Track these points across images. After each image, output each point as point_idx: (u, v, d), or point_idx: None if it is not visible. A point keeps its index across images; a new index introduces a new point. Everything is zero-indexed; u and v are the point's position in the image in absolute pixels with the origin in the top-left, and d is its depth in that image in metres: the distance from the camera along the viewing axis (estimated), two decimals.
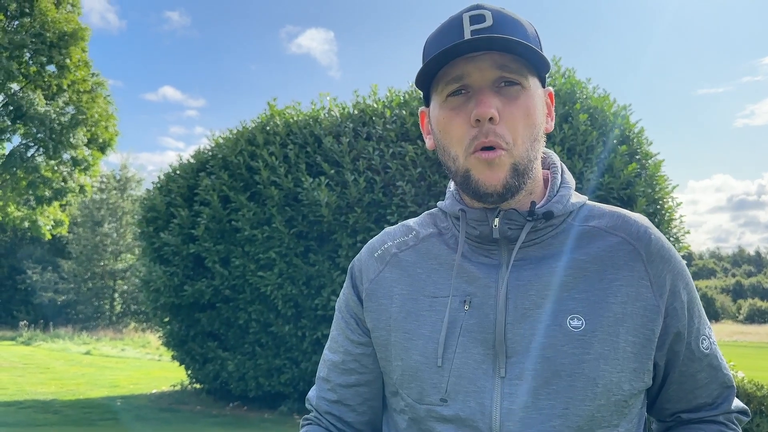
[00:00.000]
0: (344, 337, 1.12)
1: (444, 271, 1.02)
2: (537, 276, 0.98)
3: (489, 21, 0.93)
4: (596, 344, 0.94)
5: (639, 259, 0.99)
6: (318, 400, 1.14)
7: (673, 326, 1.00)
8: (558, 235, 1.02)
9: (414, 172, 7.95)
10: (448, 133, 0.98)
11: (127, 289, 29.98)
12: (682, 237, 8.97)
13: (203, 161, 10.22)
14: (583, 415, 0.93)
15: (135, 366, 16.52)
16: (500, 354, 0.95)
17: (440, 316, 0.99)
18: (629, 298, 0.97)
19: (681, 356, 1.02)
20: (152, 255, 10.28)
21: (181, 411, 9.69)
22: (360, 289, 1.10)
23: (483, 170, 0.95)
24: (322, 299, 8.55)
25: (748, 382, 7.20)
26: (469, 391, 0.95)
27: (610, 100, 8.61)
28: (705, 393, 1.06)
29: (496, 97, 0.94)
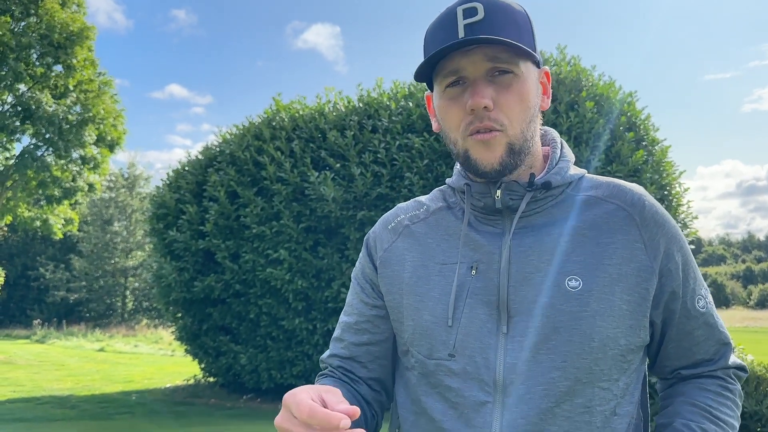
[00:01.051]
0: (359, 300, 1.19)
1: (452, 240, 1.10)
2: (537, 242, 1.05)
3: (481, 14, 0.99)
4: (593, 302, 1.01)
5: (633, 223, 1.05)
6: (330, 357, 1.20)
7: (668, 286, 1.06)
8: (557, 204, 1.08)
9: (421, 163, 7.99)
10: (447, 120, 1.06)
11: (138, 286, 30.23)
12: (689, 222, 8.99)
13: (211, 157, 10.30)
14: (581, 368, 0.99)
15: (148, 361, 16.70)
16: (503, 314, 1.03)
17: (449, 281, 1.07)
18: (624, 260, 1.03)
19: (677, 314, 1.08)
20: (163, 251, 10.37)
21: (196, 404, 9.81)
22: (375, 257, 1.18)
23: (480, 150, 1.03)
24: (332, 292, 8.62)
25: (757, 365, 7.23)
26: (475, 347, 1.03)
27: (616, 87, 8.62)
28: (703, 350, 1.12)
29: (491, 86, 1.01)
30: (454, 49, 0.98)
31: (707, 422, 1.06)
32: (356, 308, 1.19)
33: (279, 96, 10.02)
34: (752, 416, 6.93)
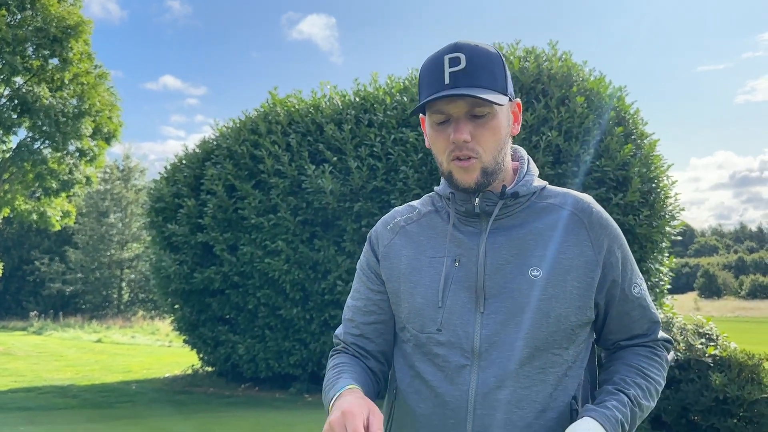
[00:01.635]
0: (366, 288, 1.45)
1: (440, 238, 1.37)
2: (508, 240, 1.32)
3: (463, 63, 1.24)
4: (549, 288, 1.28)
5: (583, 226, 1.34)
6: (345, 335, 1.46)
7: (610, 275, 1.34)
8: (524, 210, 1.36)
9: (415, 157, 8.18)
10: (436, 147, 1.33)
11: (134, 278, 30.36)
12: (677, 214, 9.19)
13: (208, 151, 10.45)
14: (540, 338, 1.27)
15: (146, 352, 16.89)
16: (480, 297, 1.30)
17: (438, 271, 1.33)
18: (575, 255, 1.31)
19: (617, 298, 1.36)
20: (162, 244, 10.54)
21: (195, 393, 10.01)
22: (377, 251, 1.45)
23: (460, 173, 1.30)
24: (328, 283, 8.82)
25: (740, 352, 7.49)
26: (458, 323, 1.30)
27: (606, 82, 8.80)
28: (637, 326, 1.40)
29: (470, 123, 1.27)
30: (441, 99, 1.24)
31: (639, 378, 1.33)
32: (363, 294, 1.45)
33: (275, 90, 10.18)
34: (734, 401, 7.19)
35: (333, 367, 1.38)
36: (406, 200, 8.24)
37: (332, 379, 1.32)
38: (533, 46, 8.98)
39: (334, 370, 1.36)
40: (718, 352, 7.45)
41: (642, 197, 8.42)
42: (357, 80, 9.83)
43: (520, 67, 8.29)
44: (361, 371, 1.37)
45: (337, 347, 1.47)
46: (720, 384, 7.11)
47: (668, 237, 9.14)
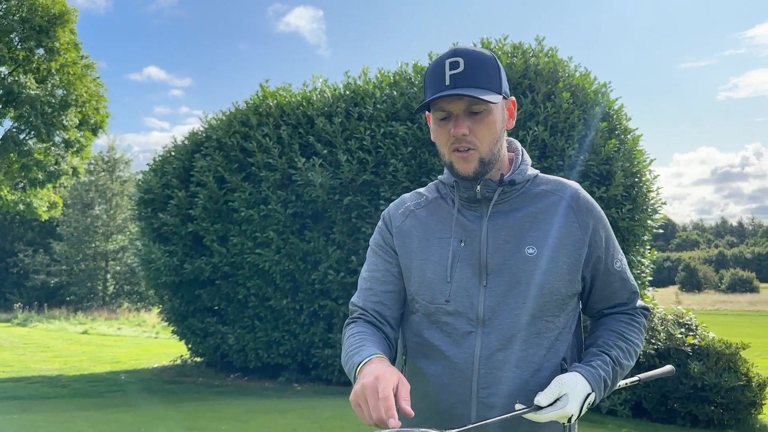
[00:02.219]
0: (383, 260, 1.63)
1: (446, 222, 1.56)
2: (506, 223, 1.52)
3: (461, 67, 1.42)
4: (543, 264, 1.49)
5: (571, 210, 1.53)
6: (364, 302, 1.61)
7: (595, 252, 1.55)
8: (519, 195, 1.55)
9: (405, 150, 8.31)
10: (439, 140, 1.53)
11: (119, 270, 30.25)
12: (659, 208, 9.41)
13: (198, 143, 10.53)
14: (535, 308, 1.47)
15: (133, 343, 16.93)
16: (483, 272, 1.50)
17: (446, 250, 1.53)
18: (564, 235, 1.51)
19: (601, 272, 1.57)
20: (151, 235, 10.61)
21: (184, 383, 10.11)
22: (391, 230, 1.64)
23: (460, 163, 1.50)
24: (319, 274, 8.94)
25: (718, 342, 7.74)
26: (464, 296, 1.49)
27: (591, 78, 8.98)
28: (618, 296, 1.61)
29: (468, 119, 1.46)
30: (443, 98, 1.43)
31: (620, 341, 1.53)
32: (381, 266, 1.62)
33: (266, 83, 10.26)
34: (712, 388, 7.44)
35: (353, 334, 1.52)
36: (395, 193, 8.39)
37: (355, 346, 1.45)
38: (520, 42, 9.13)
39: (356, 337, 1.49)
40: (697, 342, 7.70)
41: (625, 191, 8.62)
42: (347, 73, 9.95)
43: (507, 63, 8.44)
44: (380, 340, 1.52)
45: (354, 314, 1.62)
46: (698, 372, 7.36)
47: (650, 230, 9.35)
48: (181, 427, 5.35)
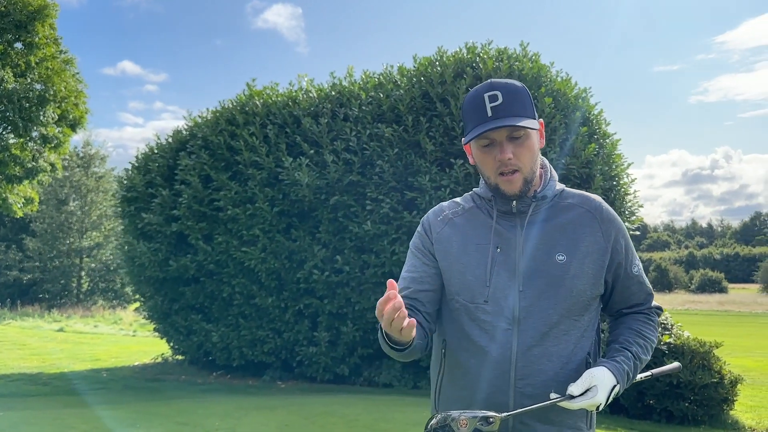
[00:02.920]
0: (421, 263, 1.80)
1: (484, 229, 1.74)
2: (538, 232, 1.71)
3: (500, 99, 1.62)
4: (572, 269, 1.68)
5: (596, 221, 1.74)
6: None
7: (616, 259, 1.75)
8: (550, 208, 1.74)
9: (391, 152, 8.45)
10: (484, 165, 1.72)
11: (94, 267, 29.91)
12: (635, 210, 9.70)
13: (182, 141, 10.53)
14: (564, 307, 1.66)
15: (111, 341, 16.82)
16: (518, 276, 1.67)
17: (484, 255, 1.70)
18: (590, 243, 1.71)
19: (621, 276, 1.77)
20: (134, 233, 10.60)
21: (167, 381, 10.13)
22: (430, 236, 1.80)
23: (506, 185, 1.68)
24: (304, 272, 9.04)
25: (692, 340, 8.01)
26: (500, 296, 1.67)
27: (572, 83, 9.21)
28: (636, 297, 1.82)
29: (510, 144, 1.66)
30: (487, 130, 1.59)
31: (639, 338, 1.73)
32: (419, 268, 1.78)
33: (253, 82, 10.32)
34: (687, 385, 7.71)
35: None
36: (381, 193, 8.53)
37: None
38: (505, 47, 9.31)
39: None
40: (673, 341, 7.97)
41: (603, 194, 8.87)
42: (333, 74, 10.05)
43: (493, 67, 8.63)
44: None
45: None
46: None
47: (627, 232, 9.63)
48: (174, 423, 5.43)
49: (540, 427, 1.64)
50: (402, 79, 9.19)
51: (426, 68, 9.02)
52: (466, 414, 1.39)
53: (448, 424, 1.39)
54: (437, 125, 8.53)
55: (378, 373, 9.18)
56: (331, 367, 9.33)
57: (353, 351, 9.22)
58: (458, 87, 8.45)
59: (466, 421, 1.39)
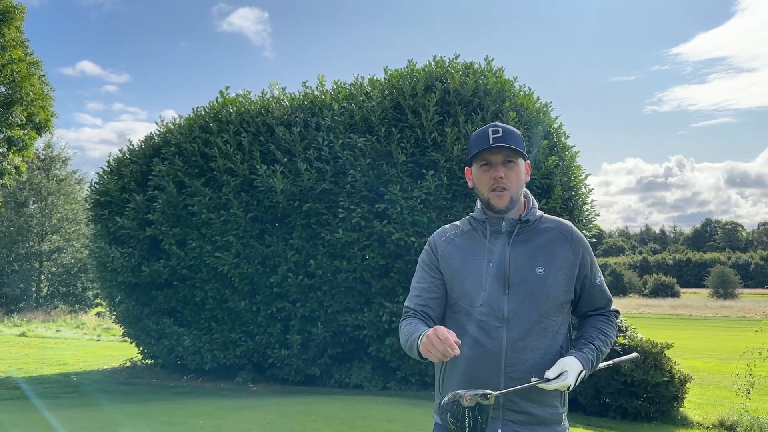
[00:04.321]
0: (429, 276, 2.20)
1: (479, 247, 2.16)
2: (523, 250, 2.12)
3: (501, 133, 2.11)
4: (549, 279, 2.09)
5: (567, 241, 2.17)
6: (414, 304, 2.19)
7: (583, 272, 2.18)
8: (531, 230, 2.16)
9: (363, 162, 8.78)
10: (479, 182, 2.15)
11: (55, 271, 29.41)
12: (592, 219, 10.23)
13: (155, 147, 10.67)
14: (543, 310, 2.08)
15: (75, 346, 16.70)
16: (506, 285, 2.08)
17: (480, 268, 2.11)
18: (563, 259, 2.13)
19: (587, 285, 2.21)
20: (107, 238, 10.69)
21: (139, 384, 10.24)
22: (436, 254, 2.22)
23: (496, 199, 2.11)
24: (278, 277, 9.30)
25: (645, 342, 8.54)
26: (493, 301, 2.07)
27: (534, 97, 9.68)
28: (598, 302, 2.25)
29: (504, 167, 2.11)
30: (488, 149, 2.04)
31: (600, 334, 2.15)
32: (428, 280, 2.19)
33: (226, 90, 10.53)
34: (640, 384, 8.24)
35: (408, 324, 2.12)
36: (354, 202, 8.86)
37: (412, 328, 2.05)
38: (471, 62, 9.75)
39: (411, 325, 2.09)
40: (627, 342, 8.49)
41: (563, 204, 9.35)
42: (305, 83, 10.34)
43: (460, 82, 9.04)
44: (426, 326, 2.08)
45: (407, 313, 2.19)
46: (628, 369, 8.14)
47: None
48: (159, 422, 5.63)
49: (525, 404, 2.04)
50: (373, 90, 9.53)
51: (397, 80, 9.39)
52: (469, 392, 1.79)
53: (456, 400, 1.78)
54: (409, 136, 8.90)
55: (348, 375, 9.49)
56: (302, 368, 9.60)
57: (324, 352, 9.51)
58: (428, 100, 8.84)
59: (470, 397, 1.78)
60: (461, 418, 1.79)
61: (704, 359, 16.78)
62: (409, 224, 8.60)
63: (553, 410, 2.09)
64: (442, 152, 8.76)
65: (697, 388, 11.54)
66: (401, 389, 9.10)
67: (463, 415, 1.78)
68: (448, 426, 1.81)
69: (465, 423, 1.78)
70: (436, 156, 8.74)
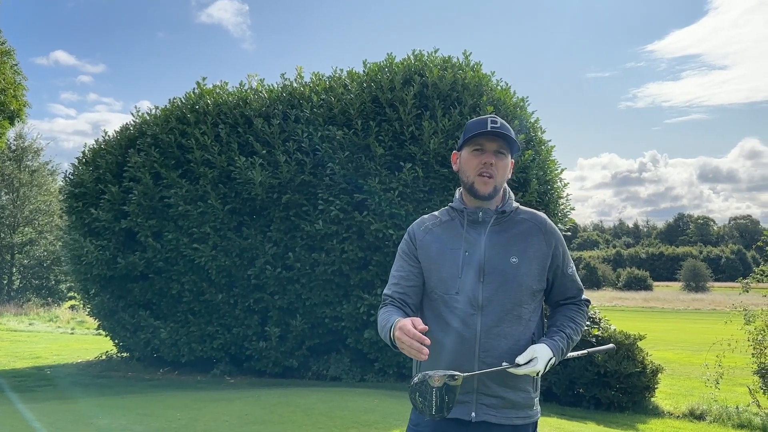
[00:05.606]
0: (408, 264, 2.27)
1: (456, 236, 2.22)
2: (498, 240, 2.19)
3: (499, 123, 2.18)
4: (522, 269, 2.16)
5: (541, 233, 2.24)
6: (393, 293, 2.23)
7: (555, 262, 2.26)
8: (507, 221, 2.24)
9: (342, 155, 8.79)
10: (468, 165, 2.22)
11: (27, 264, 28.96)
12: (567, 212, 10.37)
13: (131, 138, 10.55)
14: (516, 298, 2.14)
15: (49, 339, 16.49)
16: (481, 274, 2.14)
17: (457, 257, 2.17)
18: (537, 249, 2.20)
19: (559, 275, 2.28)
20: (81, 230, 10.56)
21: (114, 377, 10.16)
22: (415, 243, 2.28)
23: (482, 185, 2.18)
24: (255, 270, 9.28)
25: (618, 333, 8.70)
26: (469, 289, 2.13)
27: (511, 92, 9.76)
28: (569, 292, 2.33)
29: (494, 156, 2.19)
30: (484, 135, 2.12)
31: (571, 323, 2.23)
32: (406, 269, 2.24)
33: (203, 81, 10.44)
34: (613, 375, 8.39)
35: (385, 312, 2.17)
36: (333, 194, 8.88)
37: (386, 317, 2.10)
38: (449, 56, 9.79)
39: (386, 314, 2.14)
40: (601, 333, 8.64)
41: (539, 197, 9.47)
42: (284, 75, 10.29)
43: (439, 75, 9.08)
44: (403, 313, 2.16)
45: (386, 301, 2.24)
46: (602, 360, 8.29)
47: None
48: (136, 414, 5.61)
49: (498, 389, 2.12)
50: (352, 83, 9.53)
51: (376, 74, 9.40)
52: (438, 372, 1.87)
53: (425, 381, 1.86)
54: (387, 130, 8.92)
55: (327, 367, 9.52)
56: (280, 360, 9.60)
57: (302, 344, 9.53)
58: (407, 93, 8.88)
59: (439, 377, 1.86)
60: (429, 397, 1.86)
61: (676, 351, 17.12)
62: (387, 216, 8.64)
63: (525, 395, 2.16)
64: (420, 146, 8.81)
65: (669, 378, 11.79)
66: (379, 381, 9.16)
67: (431, 395, 1.85)
68: (416, 405, 1.88)
69: (432, 402, 1.85)
70: (414, 149, 8.78)
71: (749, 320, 9.27)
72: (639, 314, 35.68)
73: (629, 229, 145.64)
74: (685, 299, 50.31)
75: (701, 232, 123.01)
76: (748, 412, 8.70)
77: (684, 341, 19.89)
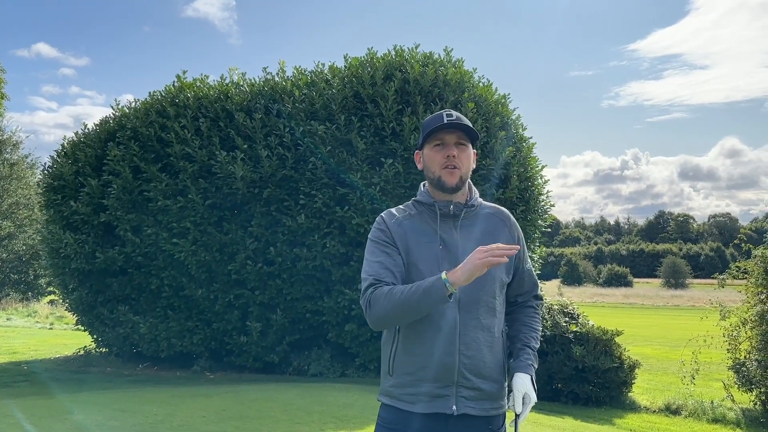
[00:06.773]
0: (389, 248, 2.21)
1: (429, 230, 2.24)
2: (470, 234, 2.24)
3: (455, 116, 2.22)
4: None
5: (506, 226, 2.33)
6: (379, 275, 2.15)
7: (518, 255, 2.33)
8: (475, 215, 2.29)
9: (324, 149, 8.77)
10: (432, 160, 2.25)
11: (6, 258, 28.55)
12: (548, 209, 10.44)
13: (110, 131, 10.44)
14: (489, 290, 2.21)
15: (27, 334, 16.30)
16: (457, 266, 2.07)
17: (432, 250, 2.20)
18: (505, 242, 2.23)
19: (520, 269, 2.36)
20: (60, 223, 10.44)
21: (92, 373, 10.07)
22: (391, 230, 2.24)
23: (448, 176, 2.22)
24: (236, 265, 9.23)
25: (596, 329, 8.78)
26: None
27: (493, 89, 9.79)
28: (526, 286, 2.42)
29: (456, 148, 2.23)
30: (442, 129, 2.15)
31: (532, 332, 2.34)
32: (386, 252, 2.21)
33: (184, 74, 10.36)
34: (591, 370, 8.48)
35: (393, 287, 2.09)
36: (315, 188, 8.86)
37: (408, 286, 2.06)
38: (431, 52, 9.80)
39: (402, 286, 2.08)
40: (579, 329, 8.72)
41: (519, 194, 9.53)
42: (266, 69, 10.22)
43: (420, 71, 9.09)
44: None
45: (378, 284, 2.14)
46: (580, 355, 8.37)
47: (540, 229, 10.36)
48: (113, 410, 5.57)
49: (477, 381, 2.16)
50: (334, 78, 9.50)
51: (357, 69, 9.38)
52: None
53: None
54: (368, 125, 8.92)
55: (308, 362, 9.51)
56: (261, 355, 9.58)
57: (282, 339, 9.51)
58: (388, 89, 8.87)
59: None
60: None
61: (654, 346, 17.33)
62: (369, 212, 8.64)
63: (498, 386, 2.22)
64: (401, 141, 8.81)
65: (646, 374, 11.93)
66: (359, 376, 9.17)
67: None
68: None
69: None
70: (395, 145, 8.79)
71: (725, 316, 9.40)
72: (619, 310, 36.02)
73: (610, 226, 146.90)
74: (665, 296, 50.87)
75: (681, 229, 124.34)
76: (723, 407, 8.83)
77: (662, 337, 20.12)
